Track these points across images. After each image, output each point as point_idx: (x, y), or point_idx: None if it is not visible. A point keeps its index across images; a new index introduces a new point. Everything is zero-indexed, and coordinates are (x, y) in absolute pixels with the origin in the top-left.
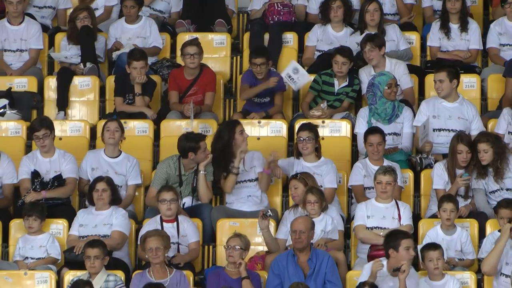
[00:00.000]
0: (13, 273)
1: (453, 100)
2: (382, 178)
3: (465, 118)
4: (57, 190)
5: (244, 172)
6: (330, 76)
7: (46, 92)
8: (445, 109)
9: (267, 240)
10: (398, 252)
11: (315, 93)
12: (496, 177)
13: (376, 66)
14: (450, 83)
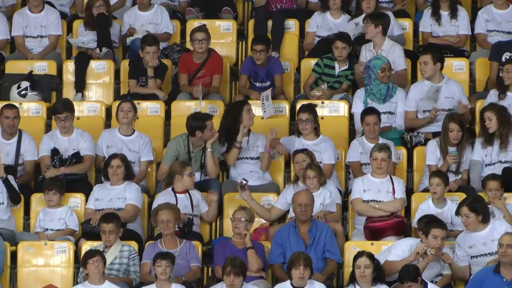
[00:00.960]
0: (34, 243)
1: (438, 82)
2: (377, 155)
3: (451, 96)
4: (75, 166)
5: (246, 149)
6: (331, 60)
7: (65, 75)
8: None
9: (255, 209)
10: (427, 238)
11: (317, 76)
12: (502, 146)
13: (375, 43)
14: (434, 66)
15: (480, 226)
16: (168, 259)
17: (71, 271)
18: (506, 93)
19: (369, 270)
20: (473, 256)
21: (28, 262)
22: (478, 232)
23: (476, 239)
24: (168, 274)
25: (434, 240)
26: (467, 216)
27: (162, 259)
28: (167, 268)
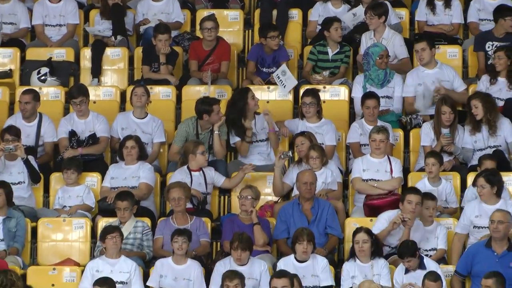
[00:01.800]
0: (53, 219)
1: (433, 67)
2: (376, 137)
3: (446, 80)
4: (91, 147)
5: (256, 133)
6: (324, 46)
7: (82, 61)
8: (428, 76)
9: (277, 178)
10: (403, 204)
11: (313, 63)
12: (491, 131)
13: (376, 31)
14: (430, 51)
15: (493, 199)
16: (185, 235)
17: (88, 246)
18: (497, 78)
19: (367, 245)
20: (476, 226)
21: (48, 237)
22: (490, 204)
23: (486, 211)
24: (185, 249)
25: (409, 205)
26: (483, 187)
27: (179, 235)
28: (184, 244)
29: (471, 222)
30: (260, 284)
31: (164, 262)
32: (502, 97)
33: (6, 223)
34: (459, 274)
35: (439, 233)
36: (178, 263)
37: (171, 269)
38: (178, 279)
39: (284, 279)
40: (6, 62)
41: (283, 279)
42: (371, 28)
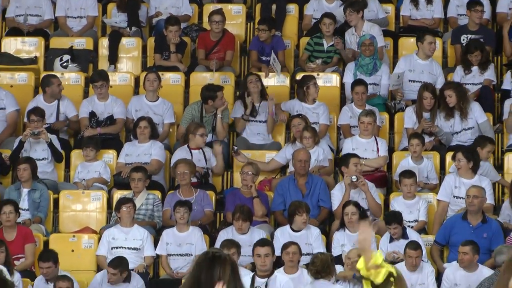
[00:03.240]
0: (73, 192)
1: (426, 59)
2: (364, 119)
3: (433, 73)
4: (109, 127)
5: (258, 114)
6: (320, 38)
7: (100, 50)
8: (419, 65)
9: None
10: (348, 168)
11: (309, 53)
12: (463, 116)
13: (356, 26)
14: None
15: (469, 174)
16: (185, 206)
17: (105, 216)
18: (471, 69)
19: (355, 217)
20: (455, 196)
21: (68, 207)
22: (466, 179)
23: (463, 183)
24: (186, 219)
25: (355, 167)
26: (459, 161)
27: (181, 206)
28: (185, 214)
29: (451, 190)
30: None
31: (169, 232)
32: (476, 82)
33: (31, 194)
34: (438, 243)
35: (420, 206)
36: (181, 230)
37: (175, 237)
38: (181, 245)
39: (267, 247)
40: (32, 50)
41: (266, 247)
42: (352, 24)
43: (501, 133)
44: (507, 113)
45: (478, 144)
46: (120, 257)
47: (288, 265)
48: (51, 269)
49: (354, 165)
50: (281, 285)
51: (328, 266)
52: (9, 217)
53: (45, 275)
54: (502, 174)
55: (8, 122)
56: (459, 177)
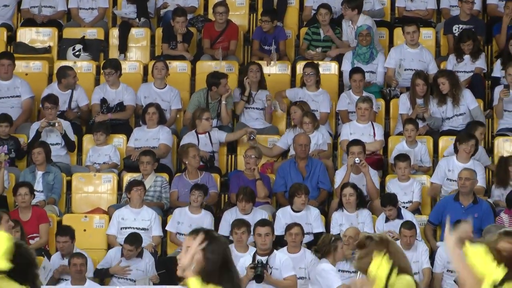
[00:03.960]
0: (85, 174)
1: (416, 48)
2: (361, 105)
3: (424, 61)
4: (119, 113)
5: (253, 101)
6: (317, 28)
7: (111, 39)
8: (409, 54)
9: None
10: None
11: (308, 42)
12: (454, 102)
13: (352, 20)
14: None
15: (468, 159)
16: (201, 190)
17: (115, 197)
18: (463, 57)
19: (353, 198)
20: (449, 179)
21: (80, 189)
22: (462, 163)
23: (456, 166)
24: (199, 202)
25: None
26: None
27: (196, 189)
28: (199, 197)
29: (445, 174)
30: None
31: (181, 211)
32: (467, 70)
33: (45, 177)
34: (431, 223)
35: (414, 188)
36: (193, 212)
37: (187, 218)
38: (192, 226)
39: (267, 227)
40: (46, 40)
41: (266, 227)
42: (346, 18)
43: (491, 118)
44: (497, 100)
45: (470, 128)
46: (135, 234)
47: (291, 245)
48: (67, 244)
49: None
50: (280, 262)
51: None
52: (25, 199)
53: (61, 249)
54: (492, 157)
55: (24, 108)
56: (454, 161)
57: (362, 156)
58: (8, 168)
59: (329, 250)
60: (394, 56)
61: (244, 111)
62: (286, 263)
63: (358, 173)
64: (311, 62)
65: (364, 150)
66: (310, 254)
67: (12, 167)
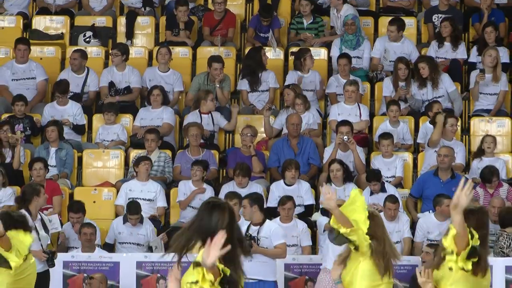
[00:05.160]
0: (95, 151)
1: (398, 41)
2: (348, 88)
3: (406, 53)
4: (126, 96)
5: (259, 83)
6: (300, 18)
7: (118, 27)
8: (392, 46)
9: (266, 125)
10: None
11: (294, 31)
12: (434, 86)
13: (337, 9)
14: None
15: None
16: (199, 165)
17: (122, 172)
18: (444, 43)
19: (340, 173)
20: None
21: (90, 164)
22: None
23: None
24: (199, 176)
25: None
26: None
27: (195, 164)
28: (197, 171)
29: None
30: None
31: (186, 184)
32: (448, 57)
33: (58, 153)
34: (413, 196)
35: (397, 164)
36: (196, 186)
37: (190, 190)
38: (195, 199)
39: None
40: (59, 27)
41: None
42: (332, 6)
43: (468, 100)
44: (473, 83)
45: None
46: (135, 203)
47: (284, 217)
48: (80, 219)
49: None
50: (270, 231)
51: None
52: (39, 173)
53: (73, 223)
54: (468, 136)
55: (38, 90)
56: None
57: (350, 135)
58: (24, 145)
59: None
60: (378, 47)
61: (249, 95)
62: (276, 232)
63: (346, 150)
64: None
65: (351, 130)
66: (301, 223)
67: (27, 144)
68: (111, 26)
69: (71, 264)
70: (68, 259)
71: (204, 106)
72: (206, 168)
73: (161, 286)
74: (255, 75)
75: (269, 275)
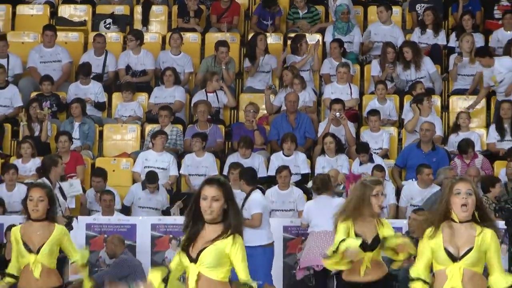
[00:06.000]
0: (114, 125)
1: (388, 24)
2: (340, 69)
3: (394, 36)
4: (142, 77)
5: (262, 65)
6: (296, 8)
7: (135, 15)
8: (382, 29)
9: (267, 102)
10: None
11: (291, 21)
12: (417, 68)
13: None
14: (387, 13)
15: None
16: (197, 137)
17: (138, 144)
18: (426, 30)
19: (332, 145)
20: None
21: (110, 137)
22: (425, 117)
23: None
24: (198, 147)
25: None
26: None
27: (194, 137)
28: (196, 142)
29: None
30: (259, 170)
31: (189, 156)
32: (429, 42)
33: (81, 127)
34: (397, 166)
35: (384, 137)
36: (198, 156)
37: (194, 160)
38: (199, 167)
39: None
40: (82, 15)
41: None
42: None
43: (447, 80)
44: (452, 65)
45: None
46: (153, 173)
47: (281, 184)
48: (100, 183)
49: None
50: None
51: (326, 183)
52: (64, 145)
53: (95, 187)
54: (447, 113)
55: (63, 71)
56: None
57: (342, 111)
58: (51, 120)
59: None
60: (370, 31)
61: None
62: (253, 202)
63: (338, 125)
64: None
65: (343, 107)
66: (297, 190)
67: (54, 119)
68: (128, 14)
69: (93, 226)
70: (90, 222)
71: (210, 86)
72: (204, 140)
73: (173, 245)
74: (255, 58)
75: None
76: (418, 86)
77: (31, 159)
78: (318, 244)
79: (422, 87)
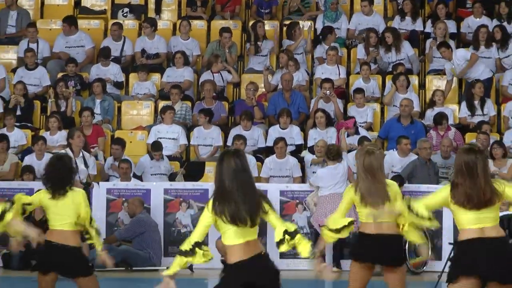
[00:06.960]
0: (130, 102)
1: (370, 15)
2: (330, 52)
3: (376, 24)
4: (155, 60)
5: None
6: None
7: (149, 4)
8: (365, 19)
9: (265, 81)
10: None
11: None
12: (397, 51)
13: None
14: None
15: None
16: (202, 113)
17: (152, 118)
18: (405, 17)
19: (323, 119)
20: (395, 106)
21: (127, 113)
22: (402, 94)
23: (399, 97)
24: (202, 121)
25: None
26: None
27: (200, 112)
28: (200, 118)
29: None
30: (258, 142)
31: (197, 129)
32: (408, 28)
33: (102, 103)
34: (380, 137)
35: (368, 112)
36: (205, 128)
37: (202, 133)
38: (206, 139)
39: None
40: (102, 4)
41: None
42: None
43: (424, 62)
44: (428, 49)
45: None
46: (157, 142)
47: (278, 154)
48: (118, 151)
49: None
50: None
51: (340, 153)
52: (88, 119)
53: (114, 154)
54: (424, 91)
55: (86, 54)
56: (397, 93)
57: (331, 89)
58: (75, 97)
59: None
60: (355, 20)
61: (251, 58)
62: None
63: (328, 102)
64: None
65: (332, 85)
66: (292, 159)
67: (78, 96)
68: (143, 4)
69: (112, 190)
70: (110, 187)
71: (215, 67)
72: (207, 115)
73: (183, 207)
74: (255, 42)
75: None
76: (399, 67)
77: (57, 131)
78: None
79: (402, 69)
